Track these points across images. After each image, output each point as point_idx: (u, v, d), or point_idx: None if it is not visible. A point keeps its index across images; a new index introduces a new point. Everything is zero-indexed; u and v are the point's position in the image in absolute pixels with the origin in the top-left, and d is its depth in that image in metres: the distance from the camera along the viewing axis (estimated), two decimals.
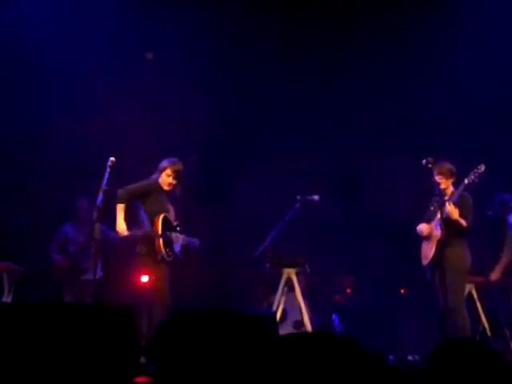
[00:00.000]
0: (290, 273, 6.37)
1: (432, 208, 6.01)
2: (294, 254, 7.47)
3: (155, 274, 5.66)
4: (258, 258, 6.78)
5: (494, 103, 7.66)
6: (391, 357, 6.06)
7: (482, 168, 5.76)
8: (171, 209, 5.92)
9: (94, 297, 6.50)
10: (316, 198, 6.60)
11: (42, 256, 7.30)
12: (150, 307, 5.64)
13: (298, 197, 6.62)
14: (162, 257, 5.63)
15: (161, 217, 5.68)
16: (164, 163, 5.86)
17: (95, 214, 5.57)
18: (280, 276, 6.49)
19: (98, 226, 5.73)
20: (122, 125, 7.75)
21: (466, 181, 5.79)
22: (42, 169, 8.01)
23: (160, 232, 5.62)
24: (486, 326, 6.31)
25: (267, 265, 6.43)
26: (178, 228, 5.93)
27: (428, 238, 5.97)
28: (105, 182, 5.54)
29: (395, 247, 7.65)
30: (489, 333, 6.29)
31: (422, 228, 6.03)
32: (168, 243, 5.68)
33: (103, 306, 4.91)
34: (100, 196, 5.51)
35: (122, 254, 7.35)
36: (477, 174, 5.75)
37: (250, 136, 8.31)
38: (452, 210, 5.71)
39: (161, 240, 5.60)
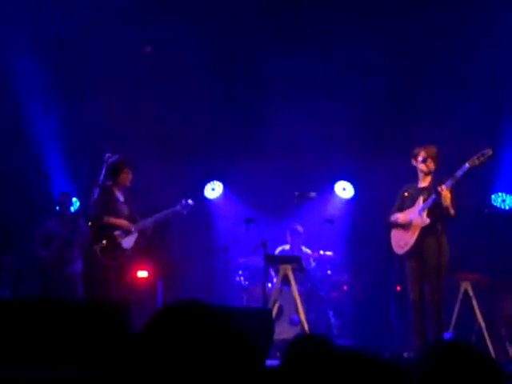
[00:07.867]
0: (287, 269, 6.33)
1: (406, 194, 5.48)
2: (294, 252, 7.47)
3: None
4: (254, 254, 6.78)
5: None
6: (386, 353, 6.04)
7: (490, 152, 4.94)
8: (125, 207, 5.92)
9: (82, 290, 6.54)
10: (313, 194, 6.57)
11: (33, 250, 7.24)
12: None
13: (296, 193, 6.56)
14: (107, 263, 5.73)
15: (95, 226, 5.75)
16: (116, 162, 5.81)
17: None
18: (276, 272, 6.48)
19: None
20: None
21: (467, 164, 4.97)
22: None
23: (93, 242, 5.73)
24: (482, 325, 6.26)
25: (264, 261, 6.39)
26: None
27: (405, 226, 5.46)
28: (102, 177, 5.55)
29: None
30: (485, 332, 6.24)
31: (400, 216, 5.49)
32: (110, 247, 5.72)
33: (101, 301, 4.93)
34: (96, 191, 5.52)
35: None
36: (482, 159, 4.92)
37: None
38: (447, 195, 5.06)
39: (97, 249, 5.70)
